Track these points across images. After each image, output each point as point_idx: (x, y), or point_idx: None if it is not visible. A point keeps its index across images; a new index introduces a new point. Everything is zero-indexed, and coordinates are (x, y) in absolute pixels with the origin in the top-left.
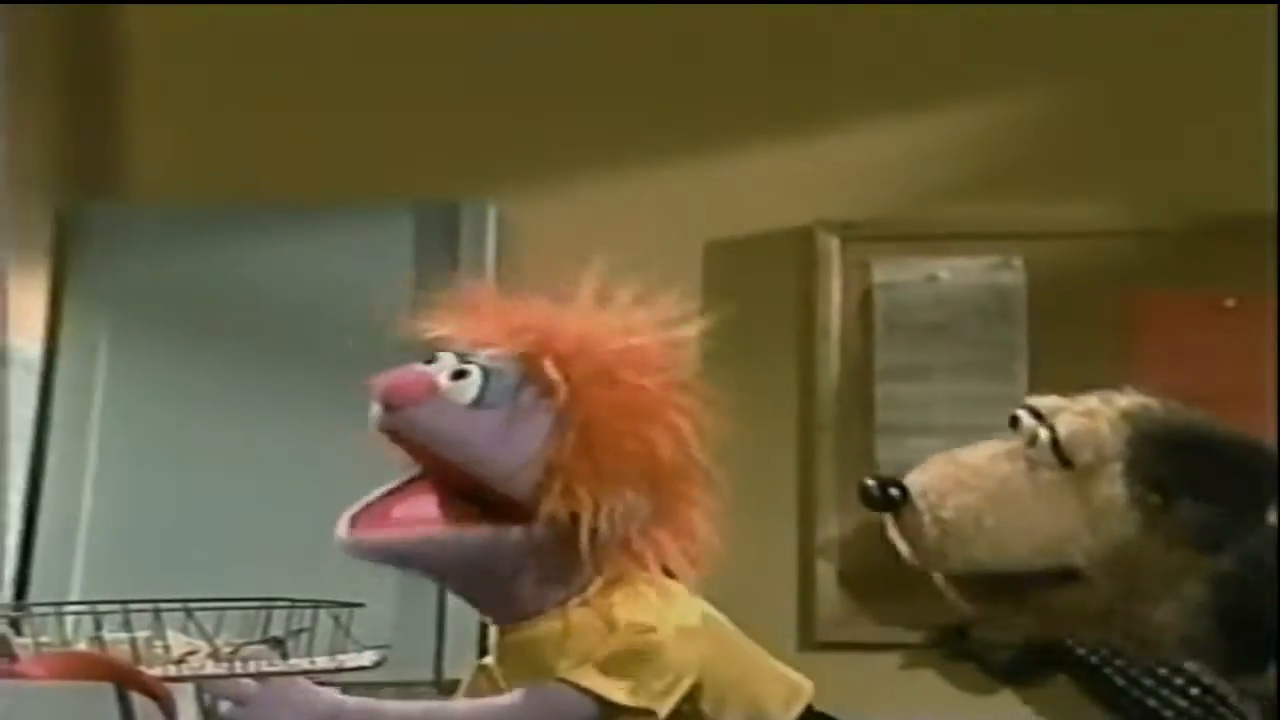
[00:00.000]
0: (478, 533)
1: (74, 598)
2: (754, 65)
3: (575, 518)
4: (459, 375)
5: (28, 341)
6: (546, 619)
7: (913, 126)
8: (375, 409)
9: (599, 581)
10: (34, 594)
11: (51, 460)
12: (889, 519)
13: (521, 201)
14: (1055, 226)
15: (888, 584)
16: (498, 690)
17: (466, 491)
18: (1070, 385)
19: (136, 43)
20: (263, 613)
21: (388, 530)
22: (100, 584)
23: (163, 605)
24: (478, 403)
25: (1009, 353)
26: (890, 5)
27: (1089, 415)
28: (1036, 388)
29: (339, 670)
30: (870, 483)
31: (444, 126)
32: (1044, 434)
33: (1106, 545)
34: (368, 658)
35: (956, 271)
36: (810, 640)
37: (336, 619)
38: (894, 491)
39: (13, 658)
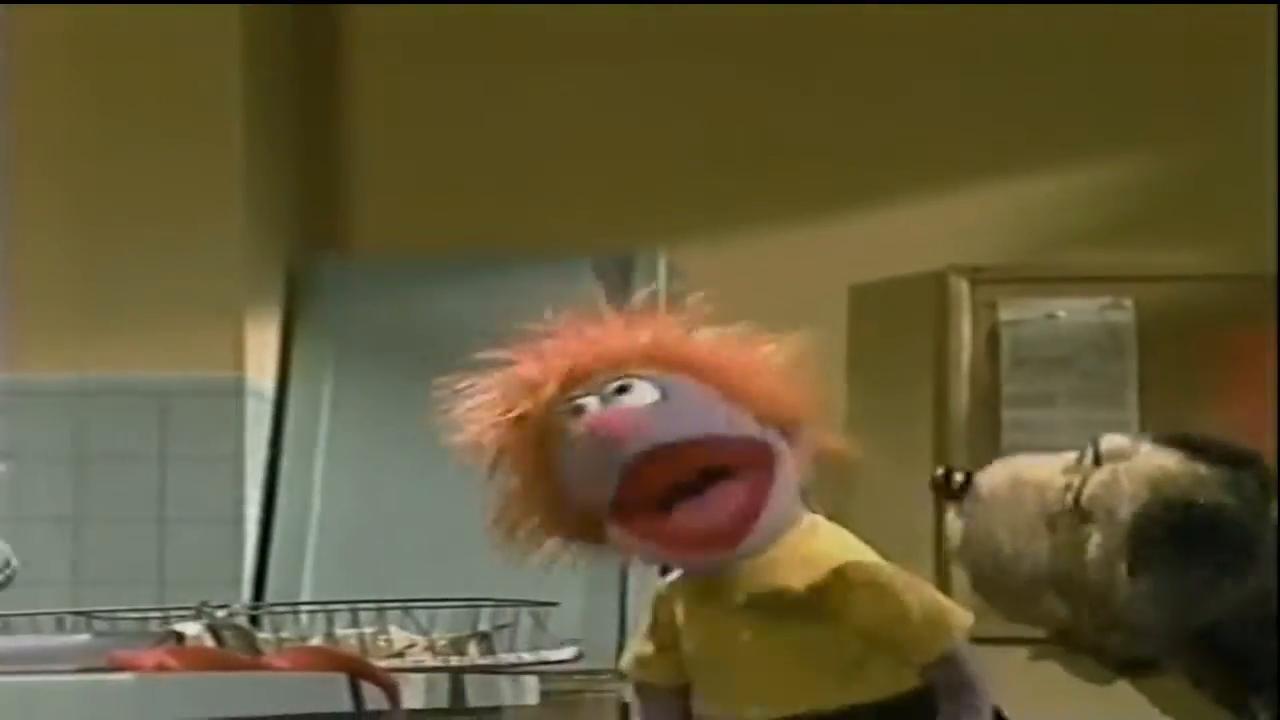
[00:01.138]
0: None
1: (304, 599)
2: (894, 128)
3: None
4: (625, 390)
5: (263, 376)
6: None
7: (1034, 182)
8: (615, 456)
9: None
10: (269, 596)
11: (283, 479)
12: (951, 506)
13: (689, 251)
14: (1161, 271)
15: None
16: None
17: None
18: (1174, 412)
19: (359, 116)
20: (471, 610)
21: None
22: (328, 586)
23: (385, 604)
24: (665, 396)
25: (1120, 383)
26: (1010, 75)
27: (1122, 475)
28: (1145, 414)
29: (542, 663)
30: (939, 471)
31: (621, 183)
32: (1076, 485)
33: (1088, 587)
34: (567, 652)
35: (1073, 311)
36: None
37: (535, 616)
38: (959, 478)
39: (256, 650)
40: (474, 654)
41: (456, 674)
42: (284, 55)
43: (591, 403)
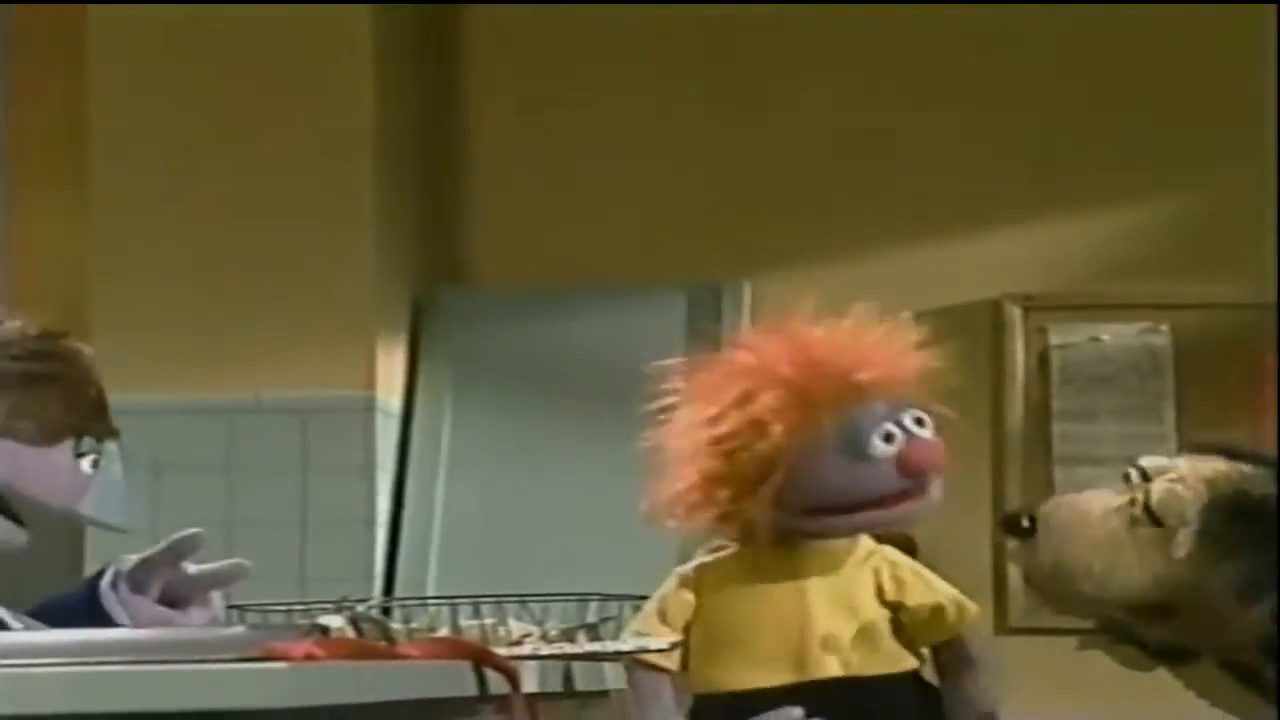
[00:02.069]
0: None
1: (430, 593)
2: (954, 170)
3: None
4: (922, 423)
5: (391, 395)
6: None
7: (1080, 219)
8: (919, 482)
9: None
10: (398, 591)
11: (409, 486)
12: (1017, 545)
13: (771, 280)
14: (1195, 299)
15: None
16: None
17: None
18: (1206, 427)
19: (477, 158)
20: (580, 604)
21: None
22: (451, 582)
23: (504, 598)
24: (934, 431)
25: (1158, 400)
26: (1060, 122)
27: (1179, 481)
28: (1180, 428)
29: (642, 651)
30: (1010, 512)
31: (710, 217)
32: (1140, 498)
33: (1186, 590)
34: (665, 642)
35: (1115, 335)
36: (1004, 626)
37: (636, 609)
38: (1026, 523)
39: (392, 640)
40: (583, 643)
41: (568, 661)
42: (410, 103)
43: (899, 432)
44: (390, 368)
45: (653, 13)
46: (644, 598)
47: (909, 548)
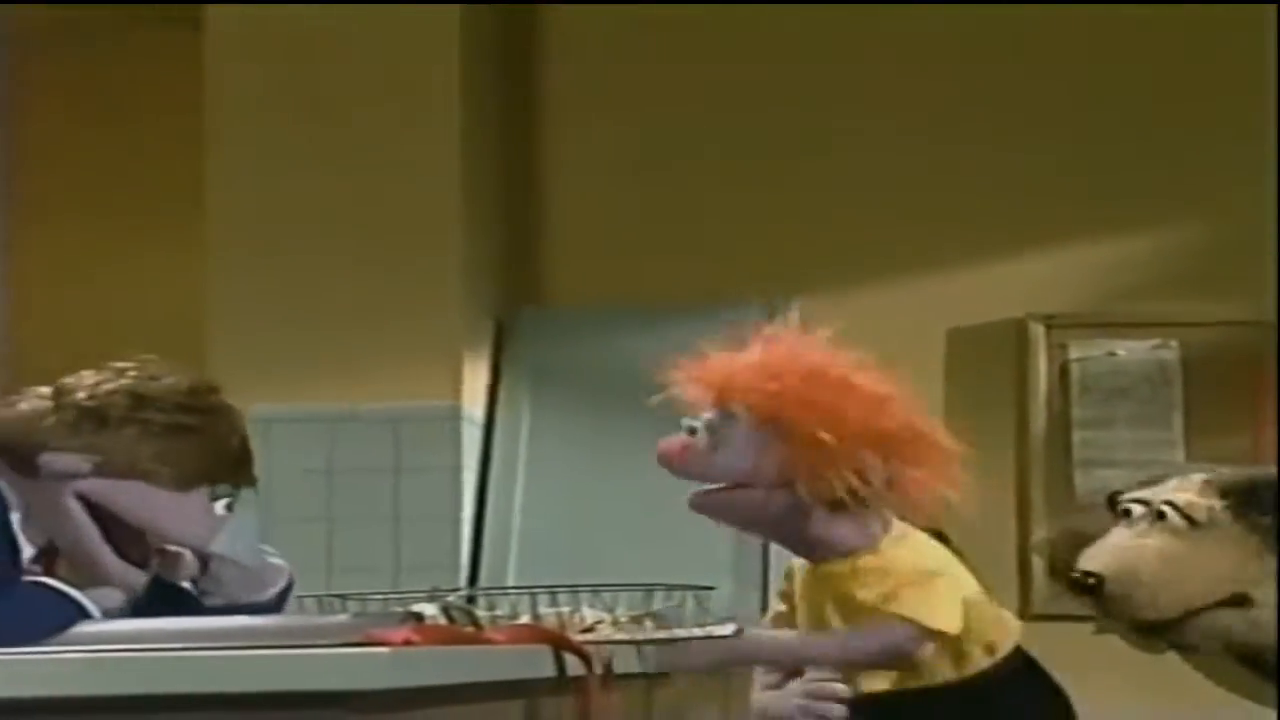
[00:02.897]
0: (765, 497)
1: (510, 584)
2: (983, 201)
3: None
4: (692, 432)
5: (475, 405)
6: (847, 560)
7: (1098, 245)
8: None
9: (886, 537)
10: (482, 582)
11: (492, 487)
12: (1093, 601)
13: (819, 299)
14: (1200, 318)
15: None
16: (802, 610)
17: None
18: (1210, 433)
19: (551, 191)
20: (647, 592)
21: (721, 500)
22: (529, 573)
23: (578, 588)
24: (713, 448)
25: (1168, 409)
26: (1079, 155)
27: (1185, 490)
28: (1188, 434)
29: (706, 637)
30: (1076, 575)
31: (764, 242)
32: (1168, 509)
33: (1249, 561)
34: (729, 629)
35: (1129, 350)
36: (1028, 612)
37: (698, 598)
38: (1092, 579)
39: (479, 626)
40: (650, 629)
41: (637, 645)
42: (492, 145)
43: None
44: (475, 381)
45: (713, 67)
46: (703, 587)
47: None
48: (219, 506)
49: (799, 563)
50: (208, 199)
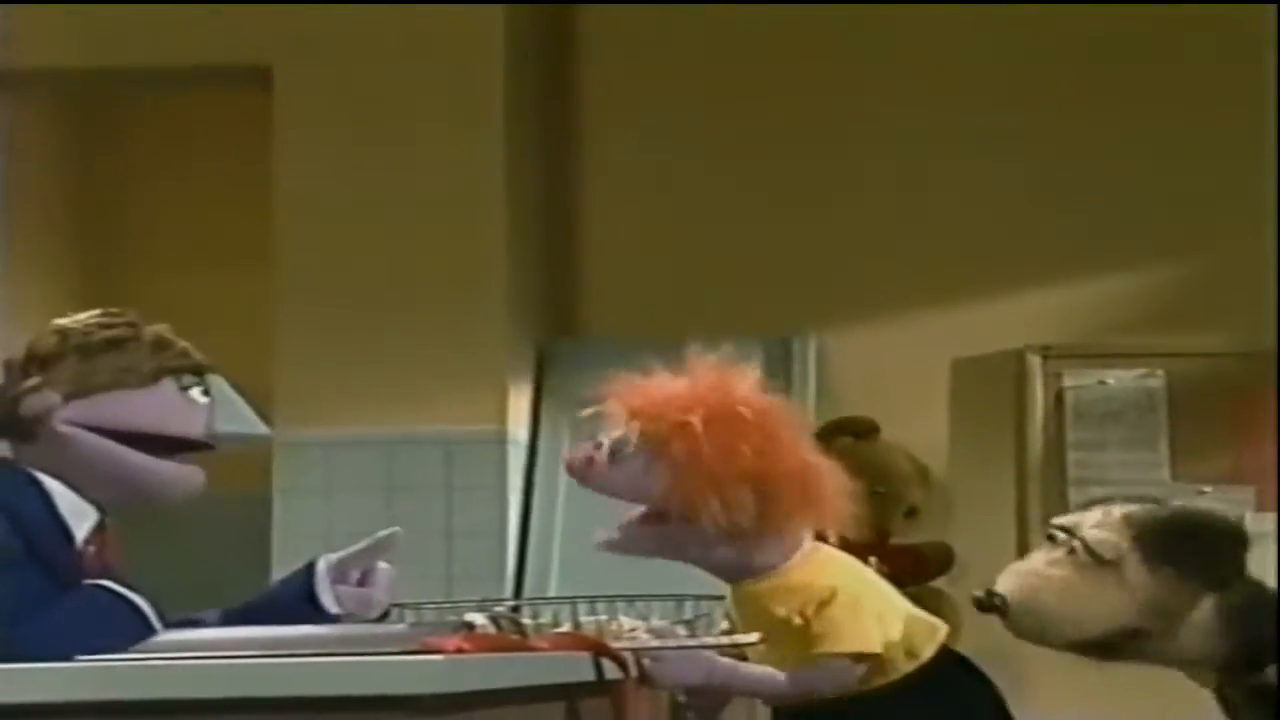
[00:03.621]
0: (662, 529)
1: (552, 594)
2: (980, 243)
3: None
4: (597, 447)
5: (519, 429)
6: (758, 581)
7: (1089, 283)
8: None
9: (796, 555)
10: (526, 593)
11: (535, 505)
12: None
13: (834, 332)
14: (1183, 349)
15: None
16: (736, 625)
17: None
18: (1193, 453)
19: (588, 233)
20: (678, 602)
21: (623, 536)
22: (571, 586)
23: (615, 598)
24: (612, 464)
25: (1155, 432)
26: (1073, 200)
27: (1101, 526)
28: (1173, 455)
29: (733, 645)
30: (979, 594)
31: (783, 279)
32: (1078, 544)
33: (1149, 605)
34: (753, 637)
35: (1119, 379)
36: None
37: (725, 608)
38: (997, 600)
39: (524, 634)
40: (681, 636)
41: (669, 651)
42: (533, 191)
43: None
44: (519, 407)
45: (741, 118)
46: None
47: (947, 557)
48: (195, 394)
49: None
50: (276, 243)
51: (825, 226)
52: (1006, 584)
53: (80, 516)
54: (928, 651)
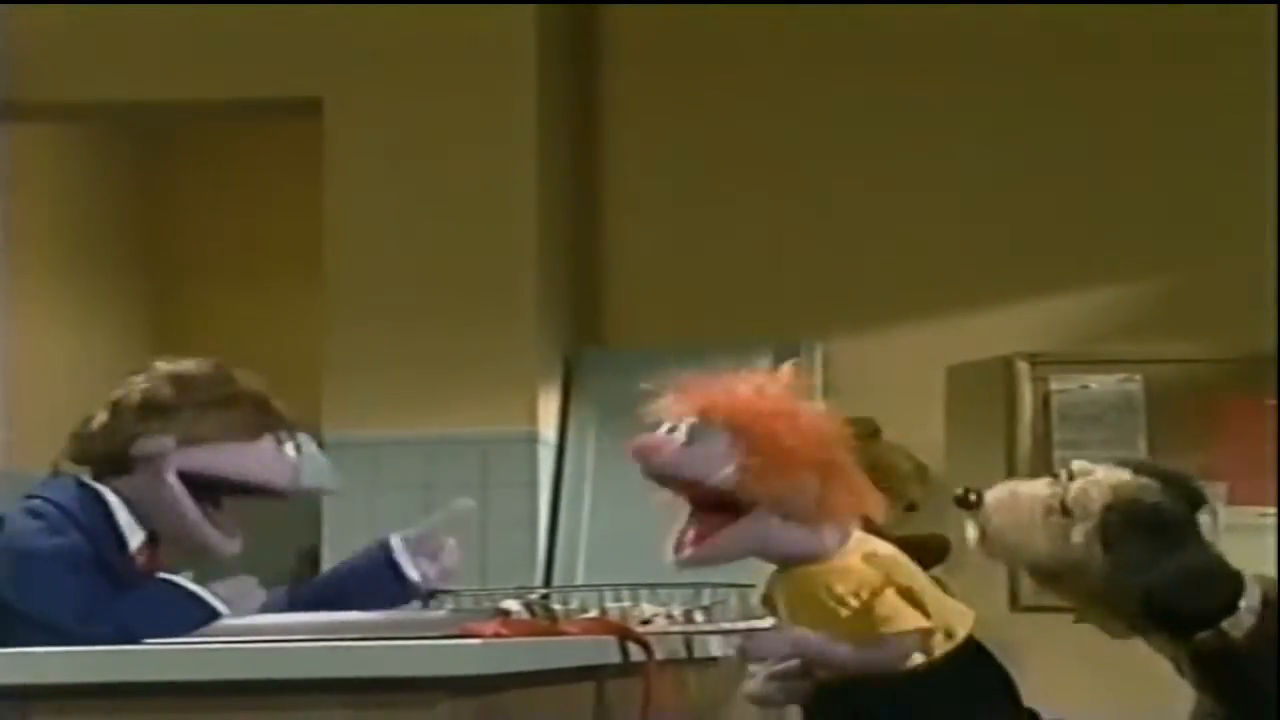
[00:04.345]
0: (735, 530)
1: (580, 583)
2: (974, 256)
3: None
4: (672, 430)
5: (549, 431)
6: (818, 563)
7: (1073, 295)
8: (640, 467)
9: (851, 540)
10: (556, 581)
11: (564, 500)
12: (968, 516)
13: (838, 339)
14: (1160, 356)
15: None
16: (781, 608)
17: (713, 508)
18: (1168, 451)
19: (613, 250)
20: (697, 589)
21: (699, 548)
22: (597, 574)
23: (638, 585)
24: (689, 445)
25: (1134, 433)
26: (1059, 218)
27: (1094, 484)
28: (1152, 455)
29: (748, 629)
30: (962, 489)
31: (791, 288)
32: (1060, 492)
33: (1073, 566)
34: (768, 622)
35: (1100, 383)
36: (1017, 605)
37: (741, 595)
38: (973, 497)
39: (555, 620)
40: (700, 621)
41: (689, 635)
42: (563, 208)
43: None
44: (548, 411)
45: (755, 139)
46: (746, 585)
47: (944, 548)
48: (288, 450)
49: (774, 570)
50: (325, 260)
51: (832, 242)
52: (992, 491)
53: (133, 530)
54: (961, 633)
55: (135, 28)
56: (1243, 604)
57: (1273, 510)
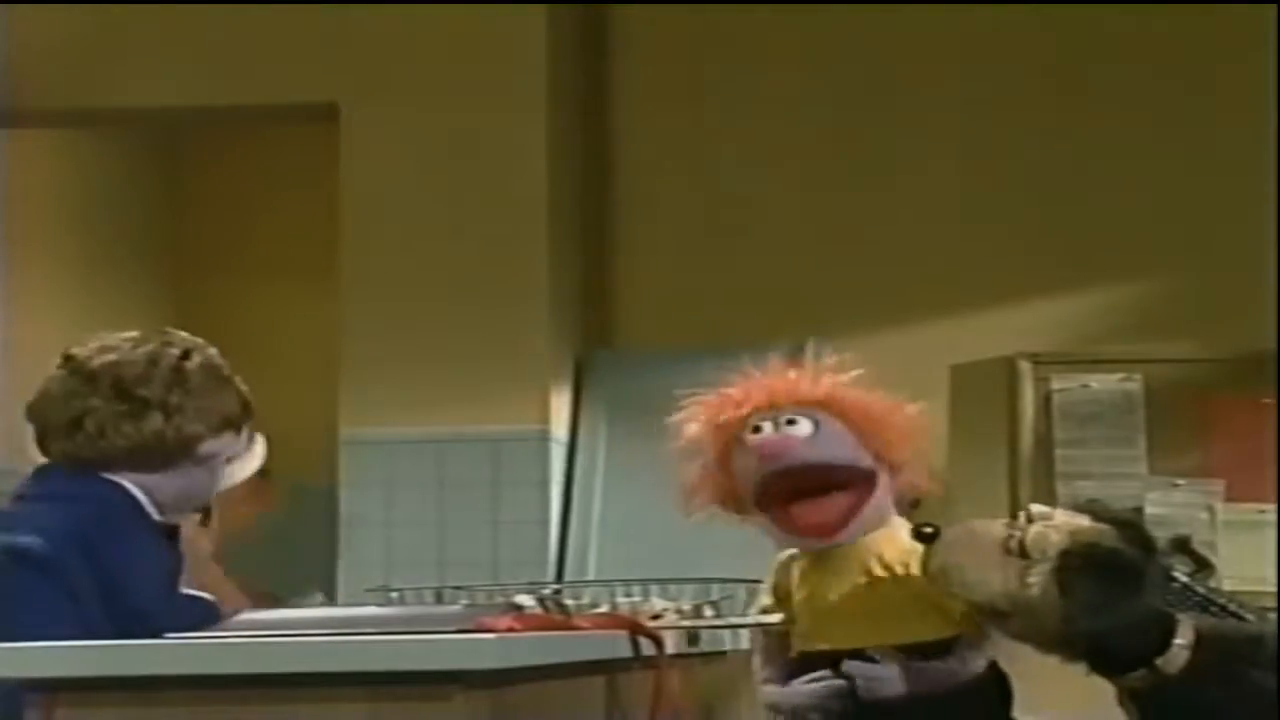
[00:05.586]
0: (875, 501)
1: (591, 578)
2: (977, 258)
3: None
4: (791, 423)
5: (561, 429)
6: (877, 531)
7: (1075, 297)
8: (768, 469)
9: (886, 522)
10: (567, 576)
11: (575, 496)
12: (926, 549)
13: (846, 338)
14: (1159, 356)
15: None
16: (798, 599)
17: (821, 490)
18: (1166, 450)
19: (622, 254)
20: (706, 585)
21: (850, 526)
22: (607, 570)
23: (648, 581)
24: (814, 433)
25: (1133, 431)
26: (1058, 221)
27: (1052, 528)
28: (1150, 452)
29: (756, 624)
30: (920, 523)
31: (798, 289)
32: (1018, 535)
33: (1025, 608)
34: (776, 617)
35: (1100, 382)
36: None
37: (749, 591)
38: (929, 530)
39: (568, 615)
40: (709, 616)
41: (697, 630)
42: (572, 215)
43: (767, 427)
44: (560, 409)
45: (763, 147)
46: (754, 581)
47: None
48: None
49: (790, 555)
50: (342, 261)
51: (838, 245)
52: (950, 528)
53: (159, 512)
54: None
55: (155, 34)
56: (1177, 641)
57: (1271, 507)
